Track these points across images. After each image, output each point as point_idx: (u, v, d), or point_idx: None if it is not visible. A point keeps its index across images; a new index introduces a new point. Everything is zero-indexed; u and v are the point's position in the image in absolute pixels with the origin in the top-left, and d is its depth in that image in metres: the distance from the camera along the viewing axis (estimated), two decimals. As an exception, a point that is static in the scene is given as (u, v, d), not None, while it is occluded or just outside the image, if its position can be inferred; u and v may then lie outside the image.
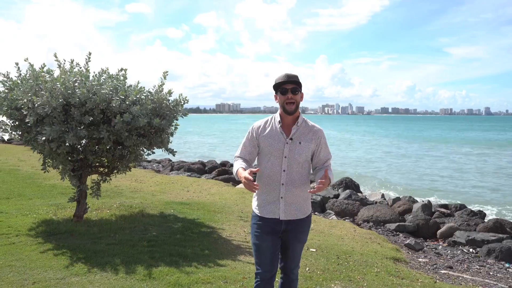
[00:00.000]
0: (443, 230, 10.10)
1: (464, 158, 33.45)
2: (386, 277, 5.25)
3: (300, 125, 3.39)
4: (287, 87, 3.32)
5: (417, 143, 52.09)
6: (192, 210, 8.67)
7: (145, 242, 6.33)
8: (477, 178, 22.62)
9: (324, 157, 3.43)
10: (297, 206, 3.36)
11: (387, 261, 6.12)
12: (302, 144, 3.33)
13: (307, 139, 3.37)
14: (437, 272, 6.44)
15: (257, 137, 3.43)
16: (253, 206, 3.52)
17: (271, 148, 3.35)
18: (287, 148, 3.32)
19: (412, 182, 20.84)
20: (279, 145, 3.34)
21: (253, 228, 3.45)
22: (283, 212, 3.33)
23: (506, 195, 17.65)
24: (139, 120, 6.47)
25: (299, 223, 3.39)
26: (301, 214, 3.39)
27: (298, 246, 3.45)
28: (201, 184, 12.41)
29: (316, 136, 3.40)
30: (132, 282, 4.84)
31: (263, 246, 3.36)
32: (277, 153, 3.33)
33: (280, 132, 3.37)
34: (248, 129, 3.52)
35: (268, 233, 3.35)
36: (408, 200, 13.54)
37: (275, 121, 3.44)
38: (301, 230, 3.42)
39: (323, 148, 3.43)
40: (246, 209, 9.14)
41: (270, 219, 3.35)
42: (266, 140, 3.38)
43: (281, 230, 3.36)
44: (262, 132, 3.42)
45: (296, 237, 3.40)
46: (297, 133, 3.37)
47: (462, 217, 11.54)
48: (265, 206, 3.37)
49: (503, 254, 8.34)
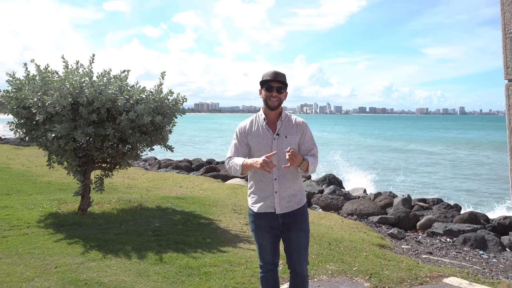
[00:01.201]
0: (422, 221, 10.77)
1: (439, 156, 34.56)
2: (374, 259, 5.82)
3: (284, 119, 3.50)
4: (274, 85, 3.43)
5: (395, 141, 53.30)
6: (188, 204, 9.13)
7: (150, 232, 6.78)
8: (454, 175, 23.56)
9: (308, 147, 3.49)
10: (291, 198, 3.44)
11: (374, 247, 6.70)
12: (288, 138, 3.42)
13: (292, 133, 3.46)
14: (418, 256, 7.06)
15: (246, 136, 3.50)
16: (249, 203, 3.57)
17: (260, 145, 3.43)
18: (275, 143, 3.40)
19: (392, 178, 21.62)
20: (267, 141, 3.42)
21: (252, 226, 3.54)
22: (278, 205, 3.39)
23: (479, 190, 18.54)
24: (144, 118, 6.92)
25: (296, 212, 3.44)
26: (295, 205, 3.46)
27: (301, 236, 3.45)
28: (192, 180, 12.87)
29: (300, 128, 3.49)
30: (145, 266, 5.30)
31: (263, 244, 3.47)
32: (266, 149, 3.40)
33: (266, 128, 3.45)
34: (235, 130, 3.59)
35: (267, 231, 3.43)
36: (389, 195, 14.23)
37: (259, 119, 3.53)
38: (299, 218, 3.46)
39: (306, 139, 3.50)
40: (239, 203, 9.64)
41: (267, 214, 3.41)
42: (254, 138, 3.46)
43: (279, 224, 3.42)
44: (249, 131, 3.50)
45: (296, 226, 3.43)
46: (282, 128, 3.46)
47: (440, 210, 12.28)
48: (261, 201, 3.43)
49: (477, 242, 9.02)
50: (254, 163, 3.22)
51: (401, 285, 4.88)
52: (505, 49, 4.01)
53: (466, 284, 4.95)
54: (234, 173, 3.46)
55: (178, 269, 5.22)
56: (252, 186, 3.52)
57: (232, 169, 3.44)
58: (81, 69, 7.48)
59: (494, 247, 8.88)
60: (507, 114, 4.02)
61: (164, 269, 5.21)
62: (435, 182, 21.12)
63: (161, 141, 7.74)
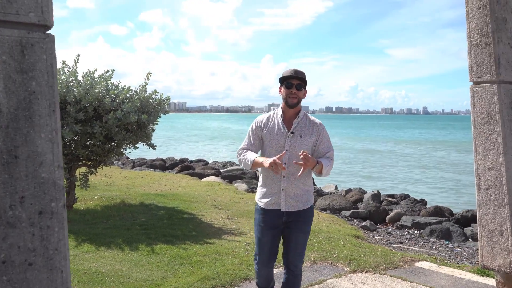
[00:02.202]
0: (391, 215, 11.35)
1: (403, 155, 35.73)
2: (351, 247, 6.28)
3: (301, 119, 3.48)
4: (293, 82, 3.42)
5: (361, 141, 54.54)
6: (169, 200, 9.40)
7: (138, 226, 7.05)
8: (418, 172, 24.52)
9: (324, 150, 3.48)
10: (298, 198, 3.43)
11: (350, 237, 7.16)
12: (303, 137, 3.41)
13: (308, 133, 3.44)
14: (390, 245, 7.58)
15: (261, 131, 3.52)
16: (257, 198, 3.60)
17: (273, 141, 3.44)
18: (288, 141, 3.40)
19: (361, 175, 22.34)
20: (280, 138, 3.42)
21: (257, 220, 3.56)
22: (284, 203, 3.41)
23: (443, 186, 19.44)
24: (130, 116, 7.18)
25: (301, 213, 3.45)
26: (302, 205, 3.46)
27: (301, 237, 3.49)
28: (170, 178, 13.11)
29: (317, 129, 3.48)
30: (139, 256, 5.59)
31: (263, 240, 3.49)
32: (279, 146, 3.41)
33: (282, 126, 3.45)
34: (252, 123, 3.62)
35: (270, 228, 3.46)
36: (359, 191, 14.82)
37: (277, 115, 3.54)
38: (303, 220, 3.47)
39: (323, 141, 3.49)
40: (218, 199, 9.97)
41: (272, 210, 3.44)
42: (269, 133, 3.47)
43: (283, 222, 3.45)
44: (265, 126, 3.51)
45: (298, 227, 3.46)
46: (297, 127, 3.45)
47: (407, 204, 12.93)
48: (267, 198, 3.46)
49: (443, 233, 9.63)
50: (264, 161, 3.25)
51: (378, 269, 5.34)
52: (470, 55, 4.51)
53: (436, 267, 5.46)
54: (244, 167, 3.51)
55: (170, 259, 5.53)
56: (261, 181, 3.55)
57: (243, 162, 3.49)
58: (66, 69, 7.66)
59: (458, 238, 9.51)
60: (472, 113, 4.52)
61: (156, 259, 5.52)
62: (400, 179, 21.94)
63: (145, 138, 8.00)
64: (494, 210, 4.34)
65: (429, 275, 5.15)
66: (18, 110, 1.75)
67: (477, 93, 4.43)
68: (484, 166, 4.40)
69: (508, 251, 4.26)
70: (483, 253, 4.48)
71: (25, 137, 1.76)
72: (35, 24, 1.81)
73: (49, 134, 1.82)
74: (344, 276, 5.08)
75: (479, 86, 4.42)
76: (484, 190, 4.41)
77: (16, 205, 1.73)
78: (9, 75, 1.73)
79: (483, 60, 4.36)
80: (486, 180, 4.39)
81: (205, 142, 50.36)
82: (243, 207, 9.15)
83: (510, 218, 4.22)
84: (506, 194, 4.23)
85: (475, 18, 4.41)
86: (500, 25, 4.34)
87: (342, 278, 5.01)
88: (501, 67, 4.30)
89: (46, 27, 1.84)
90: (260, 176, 3.58)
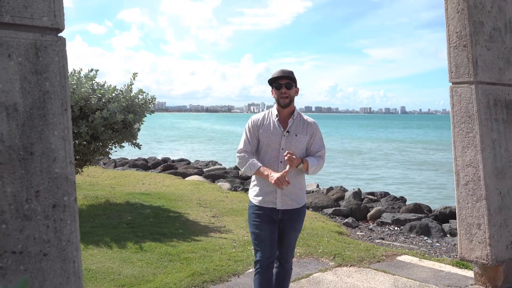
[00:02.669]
0: (372, 212, 11.60)
1: (381, 153, 36.28)
2: (335, 243, 6.45)
3: (296, 118, 3.55)
4: (282, 82, 3.49)
5: (339, 140, 55.11)
6: (155, 199, 9.46)
7: (124, 224, 7.11)
8: (397, 170, 24.96)
9: (316, 148, 3.57)
10: (293, 196, 3.49)
11: (333, 233, 7.33)
12: (298, 136, 3.48)
13: (303, 132, 3.52)
14: (372, 241, 7.79)
15: (258, 130, 3.54)
16: (251, 196, 3.61)
17: (269, 140, 3.49)
18: (284, 140, 3.46)
19: (342, 174, 22.65)
20: (276, 137, 3.48)
21: (251, 217, 3.56)
22: (280, 201, 3.45)
23: (422, 183, 19.86)
24: (116, 116, 7.23)
25: (294, 212, 3.51)
26: (296, 204, 3.52)
27: (293, 235, 3.57)
28: (153, 178, 13.14)
29: (311, 128, 3.56)
30: (127, 254, 5.66)
31: (262, 234, 3.47)
32: (275, 145, 3.47)
33: (278, 125, 3.51)
34: (247, 122, 3.64)
35: (266, 222, 3.47)
36: (340, 189, 15.06)
37: (272, 115, 3.58)
38: (296, 219, 3.54)
39: (316, 140, 3.58)
40: (202, 197, 10.07)
41: (268, 208, 3.47)
42: (265, 132, 3.51)
43: (278, 219, 3.48)
44: (261, 125, 3.55)
45: (291, 226, 3.53)
46: (293, 126, 3.51)
47: (387, 202, 13.21)
48: (263, 196, 3.48)
49: (422, 229, 9.91)
50: (269, 176, 3.33)
51: (362, 262, 5.53)
52: (449, 57, 4.72)
53: (417, 261, 5.67)
54: (245, 172, 3.53)
55: (159, 256, 5.62)
56: (256, 179, 3.57)
57: (245, 168, 3.50)
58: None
59: (437, 233, 9.79)
60: (451, 112, 4.73)
61: (145, 256, 5.60)
62: (380, 177, 22.32)
63: (131, 138, 8.06)
64: (472, 204, 4.55)
65: (411, 268, 5.35)
66: (33, 109, 1.85)
67: (456, 93, 4.64)
68: (463, 162, 4.61)
69: (485, 243, 4.48)
70: (462, 245, 4.71)
71: (39, 135, 1.86)
72: (48, 27, 1.91)
73: (62, 131, 1.92)
74: (330, 270, 5.24)
75: (458, 86, 4.63)
76: (462, 185, 4.63)
77: (31, 198, 1.83)
78: (25, 76, 1.83)
79: (462, 61, 4.58)
80: (465, 176, 4.60)
81: (186, 142, 50.24)
82: (228, 205, 9.27)
83: (487, 212, 4.45)
84: (483, 189, 4.45)
85: (454, 22, 4.62)
86: (477, 28, 4.56)
87: (328, 272, 5.17)
88: (479, 69, 4.52)
89: (58, 30, 1.95)
90: (255, 175, 3.57)
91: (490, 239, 4.44)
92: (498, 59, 4.76)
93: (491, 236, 4.44)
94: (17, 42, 1.82)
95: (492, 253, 4.45)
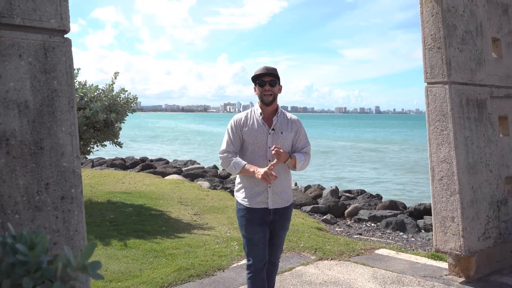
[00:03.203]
0: (349, 210, 11.86)
1: (354, 153, 36.86)
2: (316, 238, 6.65)
3: (280, 116, 3.52)
4: (265, 79, 3.44)
5: (315, 139, 55.70)
6: (136, 198, 9.51)
7: (108, 222, 7.16)
8: (373, 169, 25.44)
9: (301, 145, 3.56)
10: (283, 195, 3.48)
11: (313, 229, 7.53)
12: (284, 134, 3.45)
13: (288, 129, 3.49)
14: (351, 236, 8.02)
15: (241, 129, 3.48)
16: (239, 198, 3.53)
17: (255, 139, 3.43)
18: (270, 138, 3.42)
19: (319, 173, 22.97)
20: (262, 136, 3.43)
21: (242, 221, 3.48)
22: (271, 201, 3.41)
23: (396, 181, 20.32)
24: (99, 115, 7.28)
25: (284, 211, 3.52)
26: (286, 202, 3.52)
27: (283, 234, 3.61)
28: (133, 177, 13.14)
29: (295, 125, 3.55)
30: (113, 251, 5.74)
31: (255, 238, 3.41)
32: (261, 144, 3.42)
33: (262, 123, 3.46)
34: (229, 122, 3.57)
35: (259, 224, 3.41)
36: (318, 187, 15.33)
37: (255, 114, 3.53)
38: (286, 217, 3.57)
39: (300, 137, 3.57)
40: (183, 196, 10.15)
41: (259, 209, 3.41)
42: (250, 132, 3.45)
43: (269, 219, 3.45)
44: (244, 124, 3.48)
45: (282, 225, 3.55)
46: (277, 123, 3.47)
47: (364, 199, 13.52)
48: (254, 197, 3.42)
49: (398, 225, 10.21)
50: (256, 172, 3.28)
51: (342, 256, 5.73)
52: (425, 58, 4.96)
53: (394, 254, 5.90)
54: (229, 171, 3.51)
55: (144, 252, 5.72)
56: (244, 180, 3.50)
57: (229, 167, 3.45)
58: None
59: (412, 229, 10.10)
60: (426, 111, 4.97)
61: (131, 253, 5.69)
62: (356, 175, 22.73)
63: (113, 137, 8.11)
64: (446, 198, 4.79)
65: (389, 261, 5.57)
66: (42, 106, 1.96)
67: (431, 92, 4.88)
68: (437, 159, 4.85)
69: (458, 235, 4.73)
70: (437, 238, 4.95)
71: (48, 130, 1.97)
72: (56, 29, 2.02)
73: (69, 128, 2.04)
74: (311, 264, 5.43)
75: (432, 86, 4.87)
76: (437, 180, 4.87)
77: (42, 191, 1.94)
78: (35, 75, 1.94)
79: (436, 63, 4.81)
80: (439, 171, 4.84)
81: (163, 142, 49.99)
82: (209, 203, 9.38)
83: (460, 205, 4.69)
84: (457, 184, 4.70)
85: (429, 25, 4.86)
86: (450, 31, 4.80)
87: (310, 266, 5.36)
88: (452, 69, 4.76)
89: (64, 32, 2.06)
90: (242, 176, 3.51)
91: (463, 231, 4.69)
92: (470, 60, 5.02)
93: (464, 228, 4.69)
94: (27, 43, 1.93)
95: (465, 244, 4.70)
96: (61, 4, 2.02)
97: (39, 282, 0.86)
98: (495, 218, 5.09)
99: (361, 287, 4.65)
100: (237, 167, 3.39)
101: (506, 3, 5.64)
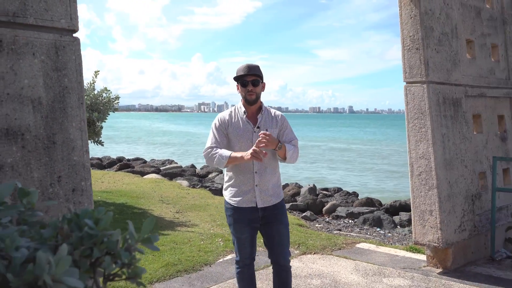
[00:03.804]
0: (327, 207, 12.10)
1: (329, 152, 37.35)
2: (298, 234, 6.82)
3: (264, 113, 3.47)
4: (248, 79, 3.37)
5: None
6: (117, 197, 9.51)
7: (91, 221, 7.17)
8: (348, 167, 25.86)
9: (288, 139, 3.49)
10: (271, 192, 3.42)
11: (295, 225, 7.70)
12: (269, 131, 3.34)
13: (272, 126, 3.45)
14: (331, 232, 8.23)
15: (226, 128, 3.43)
16: (227, 197, 3.49)
17: (241, 138, 3.38)
18: (255, 136, 3.34)
19: (296, 172, 23.23)
20: (247, 134, 3.38)
21: (230, 220, 3.46)
22: (259, 199, 3.35)
23: (372, 179, 20.74)
24: (81, 113, 7.28)
25: (275, 207, 3.44)
26: (275, 199, 3.46)
27: (282, 228, 3.46)
28: (112, 176, 13.09)
29: (280, 121, 3.50)
30: (98, 248, 5.78)
31: (242, 238, 3.41)
32: (247, 142, 3.36)
33: (247, 121, 3.41)
34: (214, 121, 3.52)
35: (247, 224, 3.38)
36: (296, 185, 15.55)
37: (239, 112, 3.47)
38: (279, 212, 3.47)
39: (286, 131, 3.51)
40: (164, 194, 10.20)
41: (247, 208, 3.37)
42: (234, 130, 3.40)
43: (259, 217, 3.38)
44: (229, 123, 3.43)
45: (277, 220, 3.45)
46: (262, 121, 3.43)
47: (341, 196, 13.79)
48: (242, 196, 3.38)
49: (375, 221, 10.49)
50: (244, 155, 3.20)
51: (324, 250, 5.91)
52: (404, 58, 5.16)
53: (374, 247, 6.12)
54: (217, 165, 3.39)
55: (130, 249, 5.77)
56: (231, 179, 3.47)
57: (216, 160, 3.34)
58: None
59: (388, 225, 10.39)
60: (405, 109, 5.18)
61: (117, 250, 5.73)
62: (330, 173, 23.09)
63: (94, 136, 8.11)
64: (425, 193, 5.01)
65: (369, 254, 5.78)
66: (54, 103, 2.05)
67: (410, 91, 5.09)
68: (416, 155, 5.07)
69: (436, 228, 4.95)
70: (415, 230, 5.16)
71: (60, 126, 2.06)
72: (66, 29, 2.11)
73: (79, 123, 2.13)
74: (295, 258, 5.59)
75: (411, 85, 5.08)
76: (416, 176, 5.09)
77: (54, 183, 2.03)
78: (47, 73, 2.03)
79: (415, 63, 5.03)
80: (418, 167, 5.06)
81: (139, 142, 49.60)
82: (190, 201, 9.46)
83: (438, 199, 4.92)
84: (434, 179, 4.92)
85: (408, 26, 5.07)
86: (428, 33, 5.02)
87: (294, 260, 5.50)
88: (430, 69, 4.99)
89: (74, 31, 2.15)
90: (230, 174, 3.49)
91: (440, 224, 4.91)
92: (446, 61, 5.25)
93: (441, 221, 4.92)
94: (40, 42, 2.01)
95: (443, 236, 4.92)
96: (70, 5, 2.11)
97: (104, 253, 0.98)
98: (470, 212, 5.34)
99: (344, 279, 4.83)
100: (224, 158, 3.28)
101: (479, 7, 5.91)
